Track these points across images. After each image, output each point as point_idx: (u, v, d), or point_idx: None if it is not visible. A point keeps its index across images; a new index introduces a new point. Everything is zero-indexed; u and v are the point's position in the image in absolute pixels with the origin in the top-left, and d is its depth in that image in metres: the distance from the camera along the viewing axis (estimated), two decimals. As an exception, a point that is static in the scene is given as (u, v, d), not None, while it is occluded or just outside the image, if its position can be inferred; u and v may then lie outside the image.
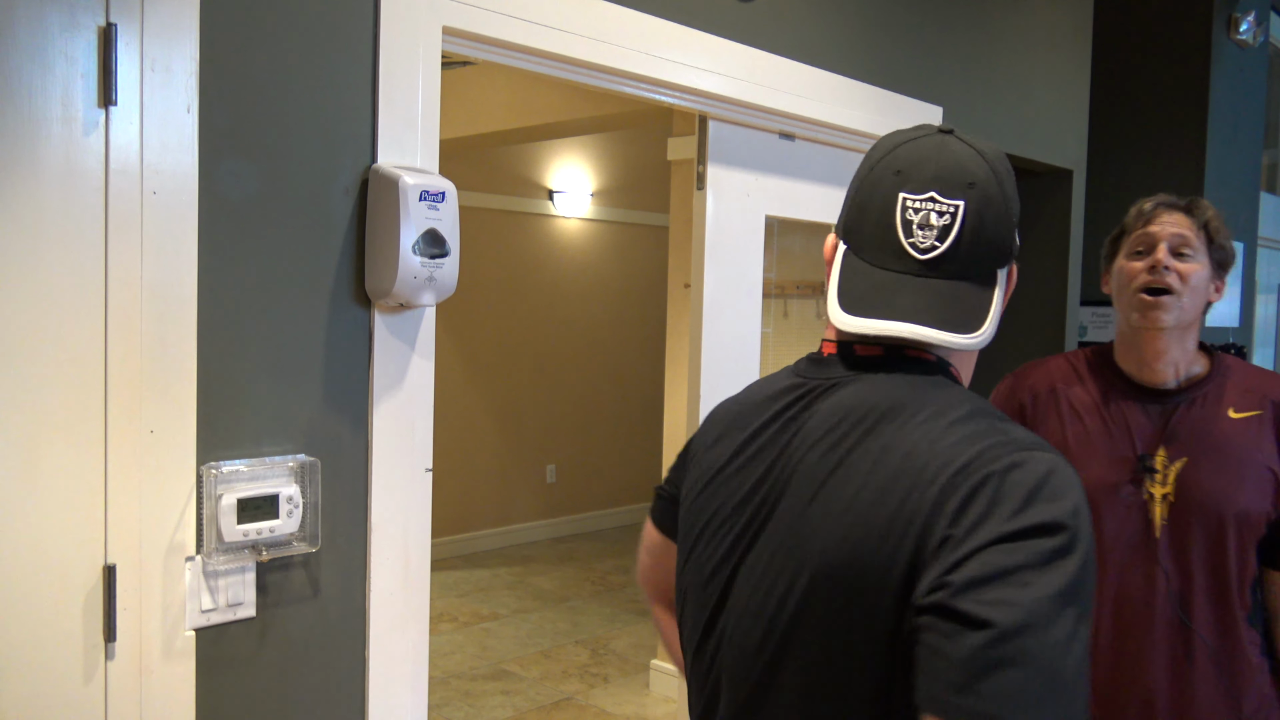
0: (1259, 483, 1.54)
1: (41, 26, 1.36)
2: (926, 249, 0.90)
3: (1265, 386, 1.61)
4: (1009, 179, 0.94)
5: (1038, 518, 0.76)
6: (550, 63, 2.10)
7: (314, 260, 1.68)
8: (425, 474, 1.86)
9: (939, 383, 0.90)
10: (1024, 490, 0.78)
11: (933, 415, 0.85)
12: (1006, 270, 0.94)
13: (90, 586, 1.44)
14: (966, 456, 0.81)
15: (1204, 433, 1.57)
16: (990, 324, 0.89)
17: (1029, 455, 0.80)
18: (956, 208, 0.90)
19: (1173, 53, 5.13)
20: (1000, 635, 0.71)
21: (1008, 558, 0.74)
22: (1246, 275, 5.74)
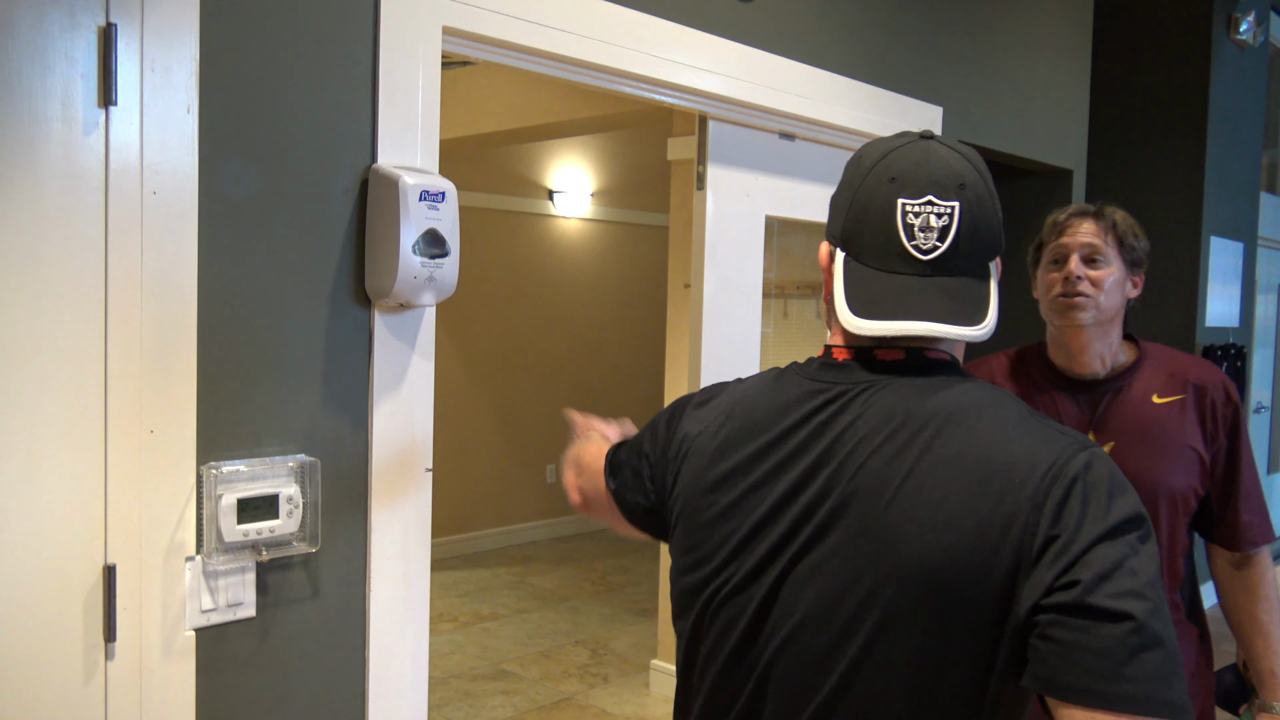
0: (1184, 463, 1.66)
1: (41, 26, 1.36)
2: (929, 250, 0.94)
3: (1186, 371, 1.73)
4: (989, 177, 1.00)
5: (1125, 510, 0.83)
6: (550, 63, 2.10)
7: (314, 260, 1.68)
8: (425, 474, 1.86)
9: (974, 383, 0.96)
10: (1105, 486, 0.85)
11: (994, 418, 0.90)
12: (995, 263, 1.01)
13: (90, 586, 1.44)
14: (1049, 458, 0.86)
15: (1130, 418, 1.69)
16: (993, 314, 0.95)
17: (1092, 453, 0.87)
18: (953, 209, 0.95)
19: (1173, 53, 5.13)
20: (1139, 625, 0.78)
21: (1115, 551, 0.81)
22: (1246, 275, 5.74)
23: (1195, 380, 1.72)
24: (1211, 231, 5.20)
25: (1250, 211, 5.73)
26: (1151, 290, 5.91)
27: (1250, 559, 1.74)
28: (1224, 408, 1.71)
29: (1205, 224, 5.11)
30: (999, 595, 0.83)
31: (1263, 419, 6.38)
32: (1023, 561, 0.83)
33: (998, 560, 0.83)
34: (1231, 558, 1.75)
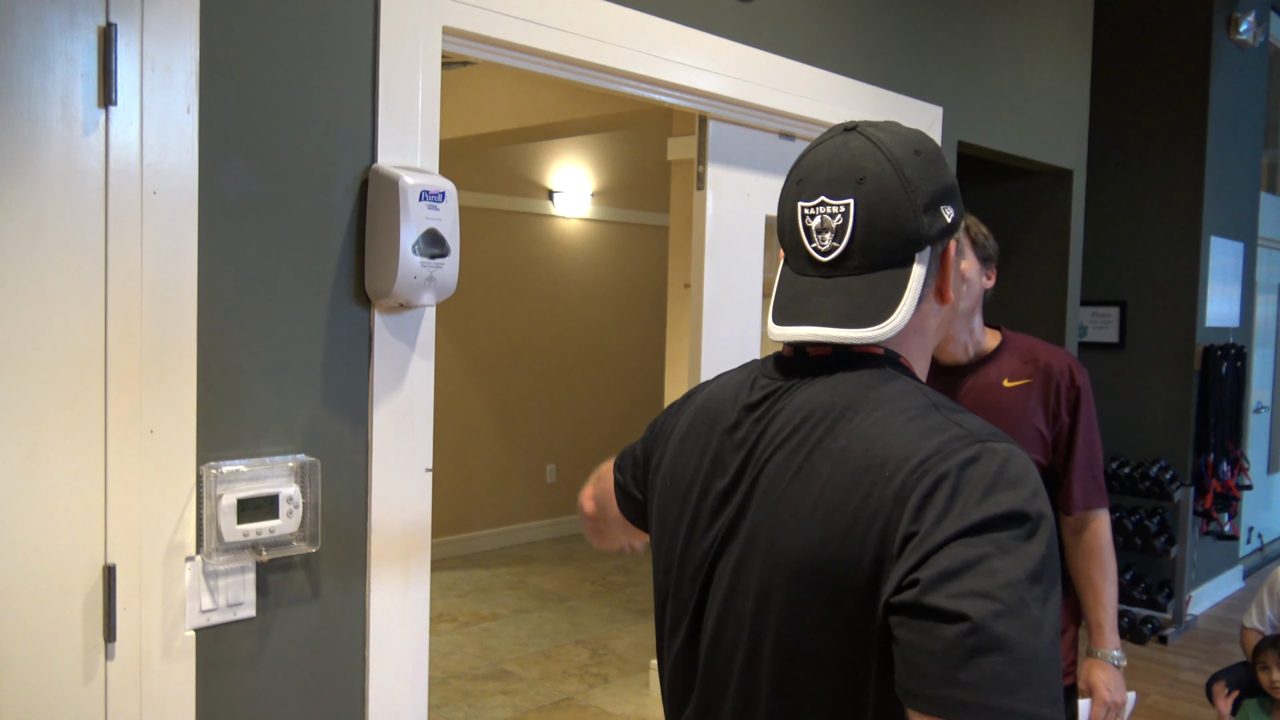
0: (1027, 440, 1.84)
1: (41, 26, 1.36)
2: (827, 251, 0.94)
3: (1039, 356, 1.90)
4: (914, 163, 0.93)
5: (997, 508, 0.78)
6: (550, 63, 2.10)
7: (314, 260, 1.68)
8: (425, 474, 1.86)
9: (890, 376, 0.92)
10: (982, 483, 0.80)
11: (888, 412, 0.87)
12: (929, 251, 0.94)
13: (90, 586, 1.44)
14: (924, 452, 0.82)
15: (982, 400, 1.87)
16: (902, 311, 0.91)
17: (984, 447, 0.83)
18: (847, 206, 0.92)
19: (1173, 53, 5.13)
20: (974, 626, 0.73)
21: (972, 550, 0.76)
22: (1246, 275, 5.74)
23: (1044, 364, 1.89)
24: (1211, 231, 5.19)
25: (1250, 211, 5.73)
26: (1151, 290, 5.92)
27: (1086, 522, 1.92)
28: (1068, 390, 1.89)
29: (1205, 224, 5.11)
30: (865, 592, 0.81)
31: (1263, 419, 6.38)
32: (884, 558, 0.80)
33: (863, 555, 0.81)
34: (1072, 524, 1.93)
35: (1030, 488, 0.81)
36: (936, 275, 0.95)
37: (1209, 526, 5.25)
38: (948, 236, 0.95)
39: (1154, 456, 5.13)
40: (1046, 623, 0.75)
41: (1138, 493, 5.03)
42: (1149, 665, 4.55)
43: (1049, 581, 0.77)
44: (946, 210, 0.94)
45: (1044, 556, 0.78)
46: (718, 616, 0.94)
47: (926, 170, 0.94)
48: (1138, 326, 5.22)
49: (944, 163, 0.96)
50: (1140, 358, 5.21)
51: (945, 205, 0.94)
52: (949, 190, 0.95)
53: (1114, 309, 5.25)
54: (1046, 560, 0.78)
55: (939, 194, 0.94)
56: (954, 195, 0.96)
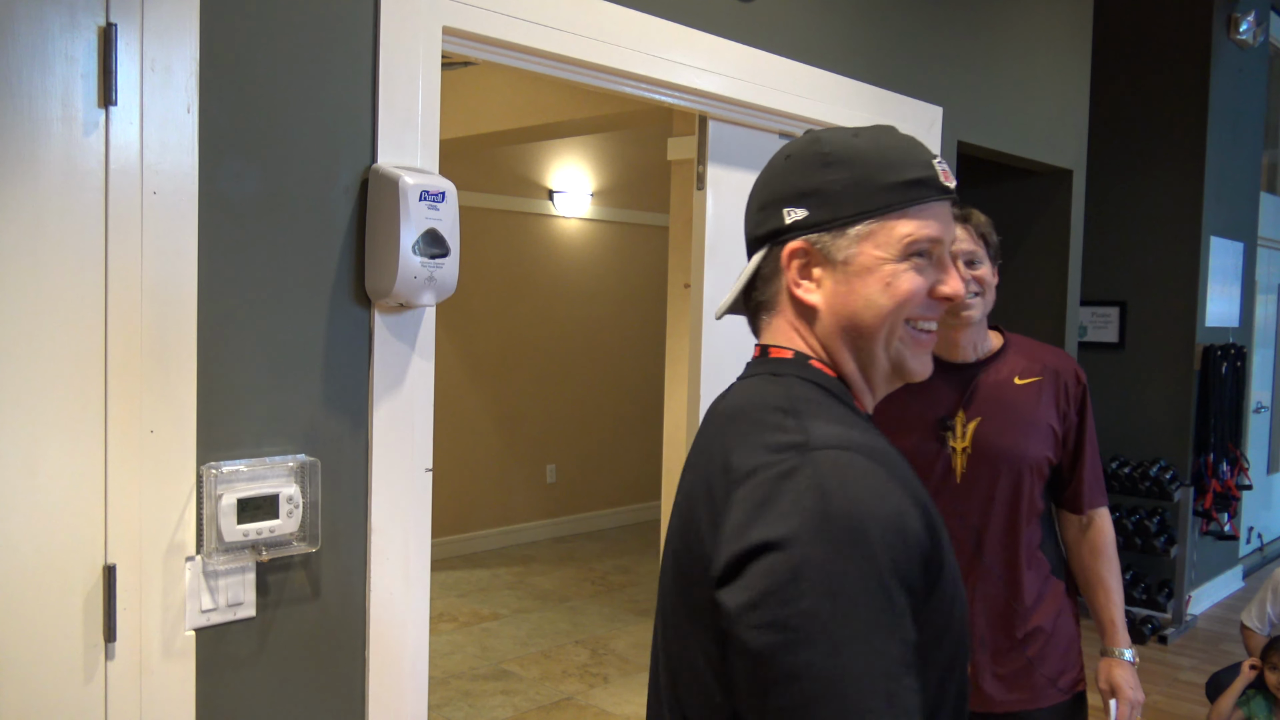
0: (1040, 435, 1.88)
1: (41, 26, 1.36)
2: None
3: (1044, 357, 1.95)
4: (778, 164, 0.97)
5: (795, 523, 0.77)
6: (550, 63, 2.10)
7: (314, 260, 1.68)
8: (425, 474, 1.86)
9: (780, 377, 0.93)
10: (789, 498, 0.79)
11: (745, 420, 0.90)
12: (768, 249, 0.96)
13: (90, 586, 1.44)
14: (755, 461, 0.83)
15: (994, 397, 1.89)
16: (725, 299, 1.00)
17: (808, 457, 0.81)
18: None
19: (1173, 53, 5.13)
20: (762, 660, 0.75)
21: (770, 574, 0.76)
22: (1246, 275, 5.74)
23: (1051, 365, 1.93)
24: (1211, 231, 5.19)
25: (1250, 211, 5.73)
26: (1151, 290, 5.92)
27: (1093, 520, 1.96)
28: (1074, 388, 1.93)
29: (1205, 224, 5.11)
30: (708, 604, 0.82)
31: (1263, 419, 6.38)
32: (709, 572, 0.82)
33: (702, 568, 0.84)
34: (1078, 521, 1.97)
35: (846, 499, 0.78)
36: (782, 275, 0.95)
37: (1209, 526, 5.25)
38: (785, 236, 0.93)
39: (1154, 456, 5.13)
40: (850, 638, 0.74)
41: (1137, 493, 5.03)
42: (1149, 665, 4.55)
43: (852, 594, 0.75)
44: (792, 212, 0.92)
45: (844, 574, 0.75)
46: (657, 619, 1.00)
47: (782, 174, 0.95)
48: (1138, 326, 5.22)
49: (818, 169, 0.93)
50: (1140, 358, 5.21)
51: (793, 207, 0.92)
52: (804, 193, 0.93)
53: (1114, 309, 5.25)
54: (850, 574, 0.75)
55: (784, 196, 0.93)
56: (816, 198, 0.92)
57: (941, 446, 1.87)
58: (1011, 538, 1.87)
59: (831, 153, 0.93)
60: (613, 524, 6.90)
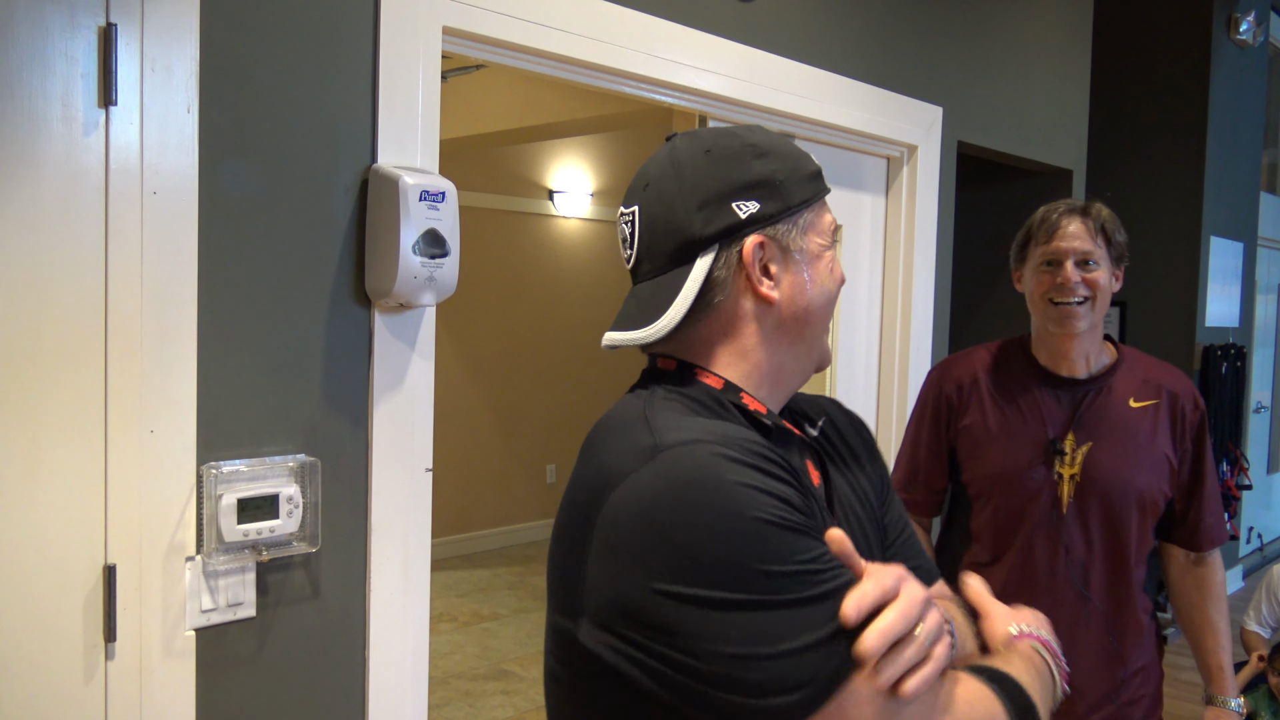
0: (1155, 466, 1.72)
1: (41, 26, 1.36)
2: (628, 259, 0.95)
3: (1161, 377, 1.78)
4: (700, 162, 0.91)
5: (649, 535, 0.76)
6: (550, 63, 2.10)
7: (314, 260, 1.68)
8: (425, 474, 1.86)
9: (652, 391, 0.91)
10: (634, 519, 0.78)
11: (613, 431, 0.88)
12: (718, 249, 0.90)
13: (90, 586, 1.44)
14: (610, 479, 0.82)
15: (1108, 420, 1.72)
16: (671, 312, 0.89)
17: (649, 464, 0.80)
18: (634, 214, 0.93)
19: (1173, 53, 5.13)
20: None
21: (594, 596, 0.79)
22: (1246, 275, 5.74)
23: (1169, 387, 1.77)
24: (1211, 231, 5.20)
25: (1250, 211, 5.73)
26: (1151, 290, 5.91)
27: (1205, 559, 1.80)
28: (1192, 414, 1.77)
29: (1205, 224, 5.11)
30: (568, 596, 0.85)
31: (1263, 419, 6.38)
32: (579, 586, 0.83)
33: (568, 564, 0.85)
34: (1188, 557, 1.81)
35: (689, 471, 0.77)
36: (739, 274, 0.90)
37: (1209, 526, 5.24)
38: (743, 231, 0.90)
39: (1154, 456, 5.13)
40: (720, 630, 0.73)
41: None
42: (1149, 665, 4.55)
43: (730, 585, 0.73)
44: (743, 206, 0.89)
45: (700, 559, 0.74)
46: None
47: (713, 169, 0.90)
48: (1138, 326, 5.22)
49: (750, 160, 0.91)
50: (1140, 358, 5.20)
51: (741, 201, 0.89)
52: (749, 185, 0.90)
53: (1114, 309, 5.25)
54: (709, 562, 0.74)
55: (728, 190, 0.89)
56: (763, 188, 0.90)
57: (1049, 471, 1.70)
58: (1121, 576, 1.72)
59: (757, 144, 0.92)
60: (613, 524, 6.89)
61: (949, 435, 1.80)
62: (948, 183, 3.32)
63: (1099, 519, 1.70)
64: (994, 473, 1.73)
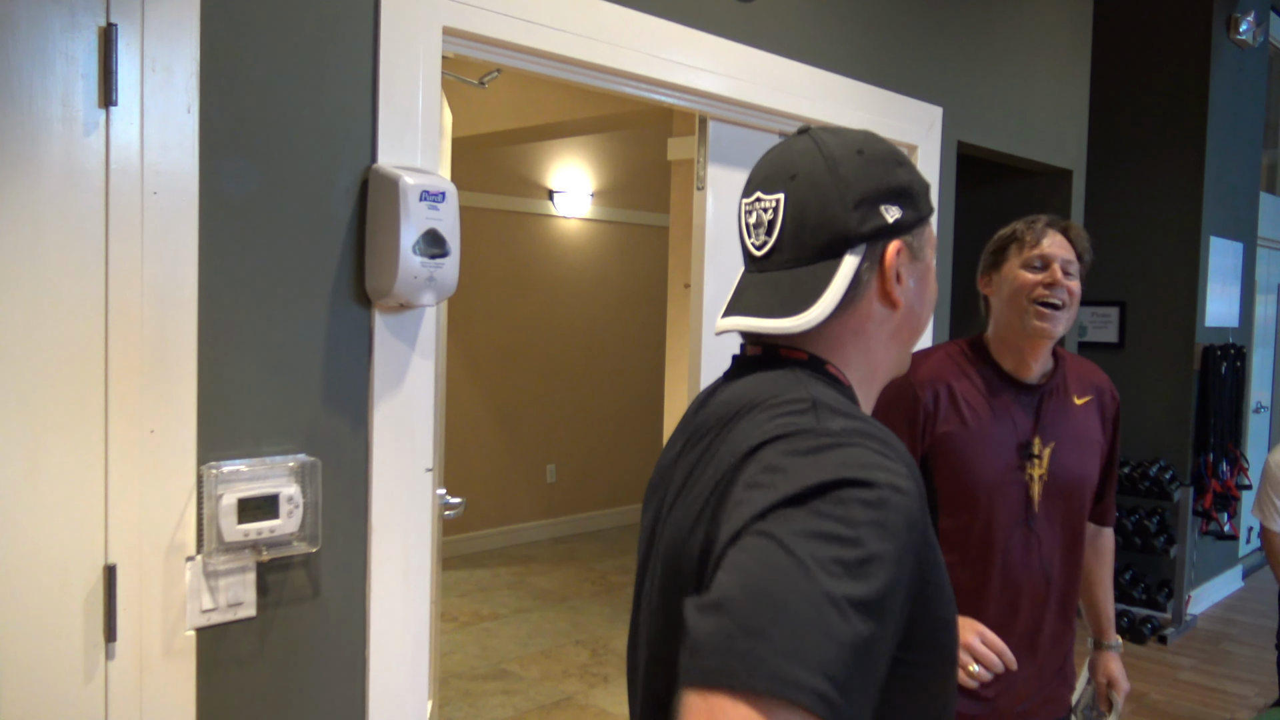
0: (1096, 455, 1.87)
1: (42, 26, 1.36)
2: (760, 245, 0.95)
3: (1090, 374, 1.92)
4: (854, 160, 0.93)
5: (817, 478, 0.72)
6: (550, 63, 2.10)
7: (314, 260, 1.68)
8: (425, 474, 1.86)
9: (797, 378, 0.89)
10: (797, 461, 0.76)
11: (766, 408, 0.86)
12: (865, 248, 0.92)
13: (90, 586, 1.44)
14: (765, 437, 0.80)
15: (1064, 420, 1.83)
16: (822, 305, 0.89)
17: (821, 440, 0.77)
18: (777, 202, 0.93)
19: (1173, 53, 5.13)
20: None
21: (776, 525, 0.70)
22: (1246, 275, 5.74)
23: (1096, 383, 1.92)
24: (1211, 231, 5.20)
25: (1250, 211, 5.73)
26: (1151, 290, 5.91)
27: (1103, 531, 2.02)
28: (1112, 406, 1.93)
29: (1205, 224, 5.11)
30: (700, 569, 0.80)
31: (1262, 419, 6.38)
32: (718, 535, 0.76)
33: (700, 533, 0.82)
34: (1090, 528, 1.98)
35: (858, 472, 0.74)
36: (876, 276, 0.93)
37: (1208, 526, 5.25)
38: (888, 236, 0.92)
39: (1153, 456, 5.13)
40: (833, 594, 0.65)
41: (1137, 492, 5.03)
42: (1149, 665, 4.55)
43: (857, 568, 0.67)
44: (889, 210, 0.92)
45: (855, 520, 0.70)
46: (643, 617, 0.95)
47: (867, 170, 0.92)
48: (1137, 326, 5.22)
49: (894, 166, 0.94)
50: (1140, 358, 5.21)
51: (888, 205, 0.92)
52: (895, 192, 0.93)
53: (1114, 309, 5.25)
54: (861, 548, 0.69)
55: (879, 193, 0.92)
56: (904, 197, 0.93)
57: (1022, 474, 1.79)
58: (1076, 561, 1.85)
59: (896, 152, 0.96)
60: (613, 524, 6.90)
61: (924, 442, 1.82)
62: (948, 182, 3.32)
63: (1062, 513, 1.81)
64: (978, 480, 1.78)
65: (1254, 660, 4.68)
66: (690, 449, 0.93)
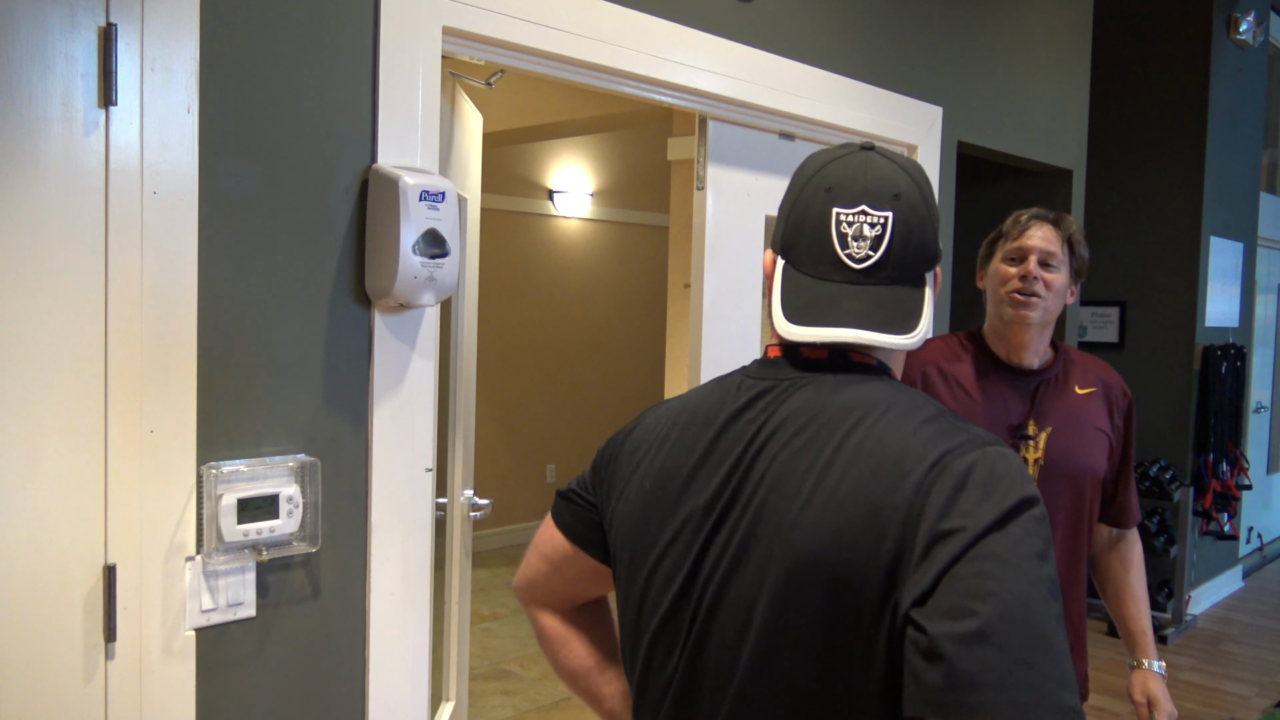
0: (1101, 446, 1.86)
1: (41, 26, 1.36)
2: (862, 258, 0.97)
3: (1096, 370, 1.93)
4: (928, 188, 1.01)
5: (1014, 497, 0.83)
6: (550, 63, 2.10)
7: (314, 260, 1.68)
8: (425, 474, 1.86)
9: (896, 384, 0.97)
10: (993, 479, 0.84)
11: (901, 414, 0.91)
12: (933, 273, 1.02)
13: (90, 586, 1.44)
14: (939, 451, 0.86)
15: (1062, 405, 1.85)
16: (925, 324, 0.97)
17: (988, 450, 0.87)
18: (886, 218, 0.97)
19: (1173, 53, 5.13)
20: (983, 626, 0.76)
21: (993, 548, 0.80)
22: (1246, 275, 5.74)
23: (1103, 378, 1.92)
24: (1211, 231, 5.19)
25: (1250, 211, 5.73)
26: (1151, 290, 5.90)
27: (1126, 534, 1.97)
28: (1122, 400, 1.92)
29: (1205, 224, 5.11)
30: (882, 583, 0.83)
31: (1263, 419, 6.38)
32: (904, 552, 0.82)
33: (882, 547, 0.83)
34: (1112, 534, 1.96)
35: (1030, 480, 0.86)
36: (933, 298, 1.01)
37: (1209, 526, 5.25)
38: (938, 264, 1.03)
39: (1154, 456, 5.13)
40: (1058, 613, 0.78)
41: (1137, 493, 5.03)
42: (1149, 665, 4.55)
43: (1051, 570, 0.81)
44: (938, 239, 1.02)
45: (1049, 539, 0.84)
46: (725, 611, 0.94)
47: (933, 199, 1.02)
48: (1138, 326, 5.22)
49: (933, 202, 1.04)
50: (1140, 358, 5.21)
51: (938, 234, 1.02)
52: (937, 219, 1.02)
53: (1114, 309, 5.25)
54: (1050, 541, 0.83)
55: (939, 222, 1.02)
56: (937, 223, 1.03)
57: None
58: (1076, 554, 1.83)
59: None
60: (613, 524, 6.90)
61: None
62: (948, 182, 3.32)
63: (1064, 500, 1.80)
64: None
65: (1254, 660, 4.69)
66: (781, 447, 0.94)
